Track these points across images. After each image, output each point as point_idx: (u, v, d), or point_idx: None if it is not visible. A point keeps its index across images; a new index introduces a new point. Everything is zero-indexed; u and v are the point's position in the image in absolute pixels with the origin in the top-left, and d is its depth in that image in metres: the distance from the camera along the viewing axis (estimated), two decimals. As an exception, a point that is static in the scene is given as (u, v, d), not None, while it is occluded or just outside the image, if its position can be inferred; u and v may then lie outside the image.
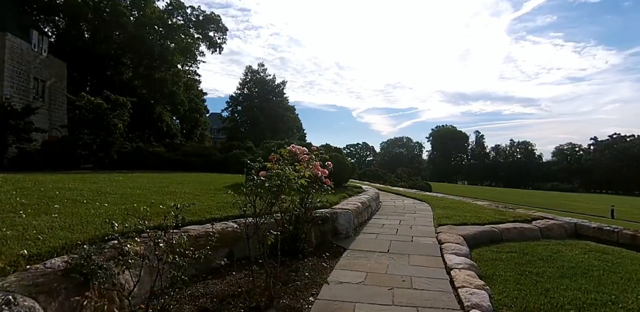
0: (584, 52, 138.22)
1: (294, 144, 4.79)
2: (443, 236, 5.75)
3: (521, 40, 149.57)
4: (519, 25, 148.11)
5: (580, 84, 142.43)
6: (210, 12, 44.56)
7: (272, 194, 3.33)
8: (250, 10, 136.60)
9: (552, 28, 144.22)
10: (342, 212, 5.89)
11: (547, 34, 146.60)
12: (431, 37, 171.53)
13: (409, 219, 7.54)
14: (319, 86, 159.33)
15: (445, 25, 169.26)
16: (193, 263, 2.86)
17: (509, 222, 7.01)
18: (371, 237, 5.83)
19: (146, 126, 38.42)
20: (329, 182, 4.78)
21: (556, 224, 6.96)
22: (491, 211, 8.22)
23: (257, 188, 3.20)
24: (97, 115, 19.69)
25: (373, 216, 7.80)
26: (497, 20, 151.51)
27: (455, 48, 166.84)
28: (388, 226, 6.76)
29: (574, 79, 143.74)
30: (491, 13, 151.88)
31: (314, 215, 5.26)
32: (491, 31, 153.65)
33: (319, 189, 4.71)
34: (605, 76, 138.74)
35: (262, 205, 3.33)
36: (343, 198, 7.90)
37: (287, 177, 3.31)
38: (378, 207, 9.10)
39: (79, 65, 35.00)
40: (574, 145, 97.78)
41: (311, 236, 5.25)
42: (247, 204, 3.22)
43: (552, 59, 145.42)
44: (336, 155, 10.05)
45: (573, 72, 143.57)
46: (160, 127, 38.97)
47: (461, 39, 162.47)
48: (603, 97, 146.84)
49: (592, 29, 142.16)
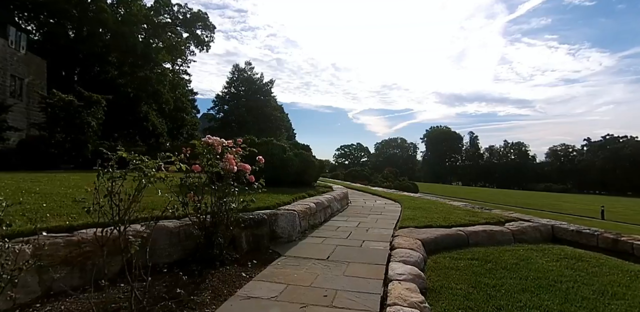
0: (578, 55, 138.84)
1: (210, 136, 4.08)
2: (398, 240, 5.05)
3: (516, 42, 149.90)
4: (514, 28, 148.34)
5: (575, 86, 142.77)
6: (198, 9, 43.71)
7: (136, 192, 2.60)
8: (247, 12, 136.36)
9: (547, 30, 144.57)
10: (284, 214, 5.18)
11: (542, 36, 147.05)
12: (427, 39, 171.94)
13: (371, 221, 6.83)
14: (315, 87, 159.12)
15: (440, 27, 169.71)
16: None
17: (479, 225, 6.33)
18: (316, 242, 5.12)
19: (131, 125, 37.57)
20: (253, 179, 4.06)
21: (531, 226, 6.27)
22: (463, 212, 7.53)
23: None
24: (68, 113, 18.88)
25: (332, 218, 7.10)
26: (492, 22, 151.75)
27: (451, 50, 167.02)
28: (343, 228, 6.05)
29: (568, 81, 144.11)
30: (486, 15, 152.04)
31: (244, 217, 4.55)
32: (486, 33, 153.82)
33: (236, 187, 3.98)
34: (599, 78, 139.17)
35: (123, 206, 2.59)
36: (300, 198, 7.19)
37: (146, 171, 2.56)
38: (343, 208, 8.39)
39: (65, 64, 34.19)
40: (568, 146, 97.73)
41: (241, 241, 4.53)
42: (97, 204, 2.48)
43: (547, 61, 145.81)
44: (302, 153, 9.34)
45: (567, 74, 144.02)
46: (145, 127, 38.08)
47: (456, 41, 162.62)
48: (597, 98, 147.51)
49: (587, 32, 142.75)
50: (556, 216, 21.29)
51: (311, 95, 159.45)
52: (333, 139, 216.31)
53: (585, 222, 19.42)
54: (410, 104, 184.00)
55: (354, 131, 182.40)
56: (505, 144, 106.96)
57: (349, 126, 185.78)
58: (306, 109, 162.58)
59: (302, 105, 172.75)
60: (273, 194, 6.90)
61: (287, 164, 8.62)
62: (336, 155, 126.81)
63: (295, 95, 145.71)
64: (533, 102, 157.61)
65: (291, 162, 8.65)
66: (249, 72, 45.25)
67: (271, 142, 8.93)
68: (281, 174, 8.61)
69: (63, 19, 33.90)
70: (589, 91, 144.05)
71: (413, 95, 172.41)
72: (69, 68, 35.30)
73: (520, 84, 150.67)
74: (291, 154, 8.91)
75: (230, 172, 3.83)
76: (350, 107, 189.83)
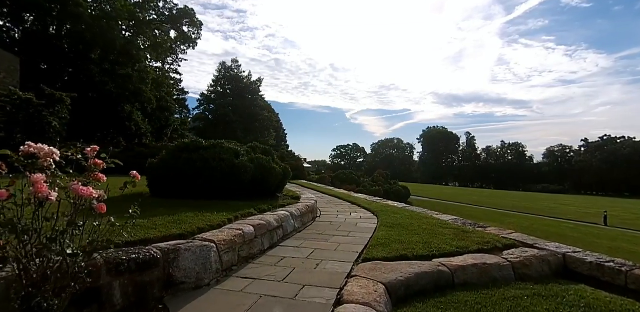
0: (575, 56, 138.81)
1: (31, 144, 2.58)
2: (353, 286, 3.57)
3: (514, 43, 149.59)
4: (512, 29, 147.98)
5: (572, 87, 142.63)
6: (184, 5, 42.17)
7: None
8: (246, 12, 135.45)
9: (544, 32, 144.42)
10: (191, 249, 3.69)
11: (539, 38, 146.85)
12: (425, 40, 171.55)
13: (331, 247, 5.32)
14: (313, 88, 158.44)
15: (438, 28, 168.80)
16: None
17: (470, 253, 4.87)
18: (236, 289, 3.62)
19: (112, 125, 35.98)
20: (103, 209, 2.55)
21: (536, 256, 4.79)
22: (451, 232, 6.03)
23: None
24: (28, 113, 17.30)
25: (284, 241, 5.58)
26: (490, 23, 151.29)
27: (449, 51, 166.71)
28: (288, 261, 4.56)
29: (565, 82, 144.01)
30: (484, 16, 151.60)
31: (119, 257, 3.06)
32: (484, 34, 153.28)
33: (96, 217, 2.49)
34: (596, 79, 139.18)
35: None
36: (245, 216, 5.69)
37: None
38: (305, 226, 6.88)
39: (44, 61, 32.64)
40: (565, 147, 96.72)
41: (111, 293, 3.04)
42: None
43: (544, 62, 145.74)
44: (259, 157, 7.82)
45: (564, 75, 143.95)
46: (128, 127, 36.47)
47: (454, 42, 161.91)
48: (594, 99, 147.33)
49: (583, 33, 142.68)
50: (558, 222, 19.97)
51: (309, 96, 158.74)
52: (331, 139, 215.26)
53: (590, 229, 18.03)
54: (408, 105, 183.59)
55: (352, 131, 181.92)
56: (503, 145, 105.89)
57: (346, 126, 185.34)
58: (304, 109, 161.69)
59: (300, 105, 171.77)
60: (206, 213, 5.41)
61: (240, 171, 7.12)
62: (332, 155, 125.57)
63: (293, 96, 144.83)
64: (530, 103, 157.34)
65: (245, 169, 7.15)
66: (235, 70, 43.48)
67: (220, 145, 7.44)
68: (232, 183, 7.13)
69: (42, 15, 32.29)
70: (585, 92, 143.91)
71: (411, 96, 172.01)
72: (48, 65, 33.70)
73: (518, 84, 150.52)
74: (245, 159, 7.42)
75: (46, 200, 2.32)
76: (348, 108, 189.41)
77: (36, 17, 32.28)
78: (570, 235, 14.71)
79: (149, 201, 6.68)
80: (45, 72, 33.24)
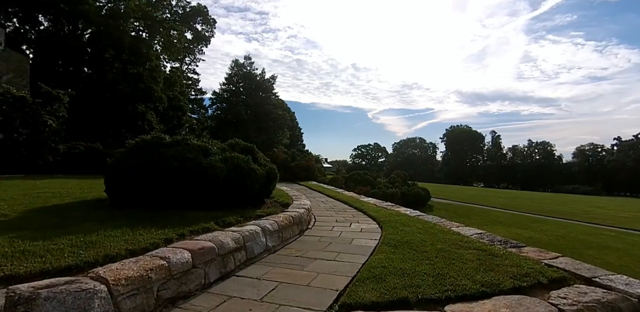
0: (606, 51, 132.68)
1: None
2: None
3: (540, 40, 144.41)
4: (538, 25, 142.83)
5: (602, 84, 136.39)
6: (197, 3, 41.38)
7: None
8: (268, 14, 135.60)
9: (572, 27, 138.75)
10: (57, 297, 2.32)
11: (567, 33, 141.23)
12: (447, 38, 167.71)
13: (302, 280, 3.81)
14: (334, 88, 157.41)
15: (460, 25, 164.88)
16: None
17: (502, 294, 3.34)
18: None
19: (124, 125, 35.46)
20: None
21: (602, 302, 3.22)
22: (475, 257, 4.45)
23: None
24: (23, 112, 16.54)
25: (239, 271, 4.12)
26: (515, 19, 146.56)
27: (472, 48, 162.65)
28: (226, 308, 3.14)
29: (595, 79, 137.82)
30: (508, 13, 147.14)
31: None
32: (508, 31, 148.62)
33: None
34: (628, 75, 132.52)
35: None
36: (200, 232, 4.32)
37: None
38: (282, 244, 5.42)
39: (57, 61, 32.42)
40: (596, 146, 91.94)
41: None
42: None
43: (573, 58, 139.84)
44: (235, 157, 6.42)
45: (594, 71, 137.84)
46: (140, 126, 35.87)
47: (478, 39, 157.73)
48: (625, 96, 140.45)
49: (614, 28, 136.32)
50: (596, 229, 17.87)
51: (331, 96, 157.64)
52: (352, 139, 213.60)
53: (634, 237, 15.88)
54: (431, 104, 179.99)
55: (374, 131, 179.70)
56: (530, 144, 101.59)
57: (368, 126, 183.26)
58: (326, 109, 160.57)
59: (322, 105, 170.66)
60: (143, 229, 4.08)
61: (209, 172, 5.77)
62: (353, 155, 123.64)
63: (315, 96, 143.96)
64: (558, 101, 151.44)
65: (213, 171, 5.79)
66: (248, 67, 42.33)
67: (185, 142, 6.12)
68: (200, 187, 5.77)
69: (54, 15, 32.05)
70: (616, 89, 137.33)
71: (434, 95, 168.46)
72: (61, 65, 33.45)
73: (545, 82, 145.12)
74: (217, 158, 6.07)
75: None
76: (370, 107, 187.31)
77: (50, 18, 32.10)
78: (614, 246, 12.79)
79: (91, 210, 5.42)
80: (56, 72, 33.01)
